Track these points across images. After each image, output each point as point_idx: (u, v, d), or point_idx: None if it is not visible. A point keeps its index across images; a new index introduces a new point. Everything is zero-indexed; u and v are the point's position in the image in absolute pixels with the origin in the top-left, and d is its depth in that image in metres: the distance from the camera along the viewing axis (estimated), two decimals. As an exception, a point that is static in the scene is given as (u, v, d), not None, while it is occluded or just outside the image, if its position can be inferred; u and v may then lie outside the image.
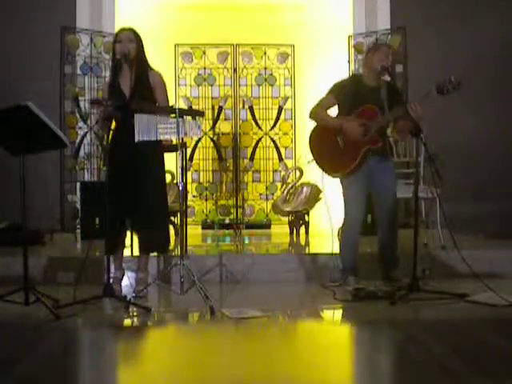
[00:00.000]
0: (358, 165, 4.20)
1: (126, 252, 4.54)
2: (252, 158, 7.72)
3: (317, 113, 4.31)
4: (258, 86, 7.70)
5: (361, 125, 4.17)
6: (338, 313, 3.95)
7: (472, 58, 6.65)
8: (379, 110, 4.16)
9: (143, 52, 4.22)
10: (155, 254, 4.47)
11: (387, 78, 4.27)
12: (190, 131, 4.01)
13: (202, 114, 4.77)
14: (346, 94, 4.25)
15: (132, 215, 4.13)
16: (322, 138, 4.30)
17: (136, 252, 4.53)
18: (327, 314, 3.94)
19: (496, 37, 6.71)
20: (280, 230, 7.29)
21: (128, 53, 4.11)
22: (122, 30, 4.23)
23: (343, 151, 4.22)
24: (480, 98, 6.57)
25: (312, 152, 4.35)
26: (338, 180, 4.42)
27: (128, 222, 4.20)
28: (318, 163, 4.33)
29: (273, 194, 7.68)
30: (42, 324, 3.35)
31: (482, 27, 6.71)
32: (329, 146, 4.26)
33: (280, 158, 7.73)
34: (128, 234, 4.39)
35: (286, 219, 7.13)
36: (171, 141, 4.75)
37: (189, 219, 6.38)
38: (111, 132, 4.04)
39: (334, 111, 4.41)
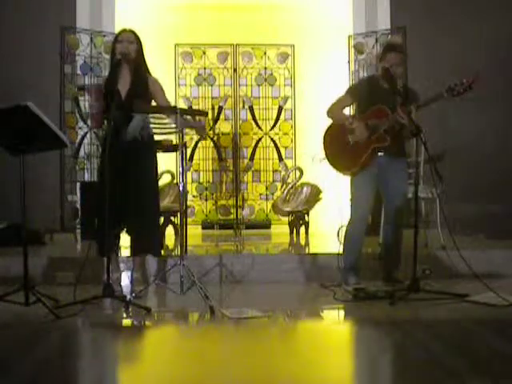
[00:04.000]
0: (365, 162, 4.21)
1: (126, 252, 4.54)
2: (252, 158, 7.72)
3: (333, 111, 4.37)
4: (258, 86, 7.70)
5: (369, 125, 4.19)
6: (338, 313, 3.95)
7: (474, 58, 6.65)
8: (390, 111, 4.17)
9: (143, 55, 4.25)
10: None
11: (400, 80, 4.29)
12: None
13: (205, 114, 4.78)
14: (362, 94, 4.31)
15: (124, 216, 4.15)
16: (334, 137, 4.35)
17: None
18: (327, 313, 3.94)
19: (499, 36, 6.70)
20: (280, 230, 7.29)
21: (128, 53, 4.13)
22: (123, 31, 4.27)
23: (352, 149, 4.24)
24: (483, 99, 6.56)
25: (325, 150, 4.38)
26: (337, 180, 4.43)
27: (122, 223, 4.22)
28: (329, 160, 4.36)
29: (273, 194, 7.68)
30: (42, 324, 3.35)
31: (484, 26, 6.70)
32: (340, 144, 4.30)
33: (280, 158, 7.72)
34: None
35: (286, 219, 7.13)
36: (171, 141, 4.78)
37: (189, 219, 6.38)
38: (106, 131, 4.06)
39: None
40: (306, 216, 6.89)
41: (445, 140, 6.21)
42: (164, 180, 6.39)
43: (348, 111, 4.60)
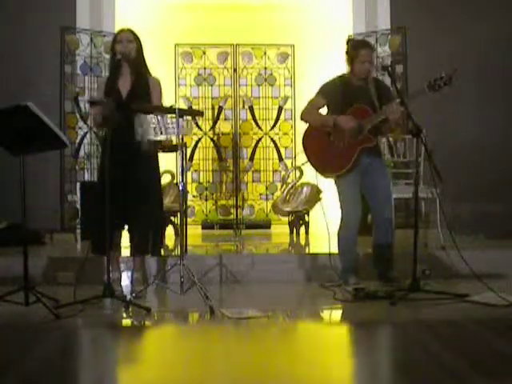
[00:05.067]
0: (355, 164, 4.21)
1: (126, 252, 4.54)
2: (252, 158, 7.72)
3: (308, 113, 4.33)
4: (258, 86, 7.70)
5: (354, 123, 4.18)
6: (338, 313, 3.95)
7: (474, 58, 6.64)
8: (370, 109, 4.17)
9: (142, 54, 4.25)
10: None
11: (378, 75, 4.29)
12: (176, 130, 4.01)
13: (201, 113, 4.79)
14: (335, 94, 4.26)
15: (125, 216, 4.15)
16: (315, 139, 4.31)
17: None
18: (327, 314, 3.94)
19: (499, 36, 6.70)
20: (280, 230, 7.29)
21: (128, 53, 4.13)
22: (122, 30, 4.27)
23: (338, 151, 4.21)
24: (483, 99, 6.56)
25: (306, 153, 4.34)
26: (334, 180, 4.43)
27: (123, 222, 4.23)
28: (312, 164, 4.32)
29: (273, 194, 7.68)
30: (42, 324, 3.35)
31: (484, 26, 6.69)
32: (323, 147, 4.26)
33: (280, 158, 7.72)
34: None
35: (286, 219, 7.13)
36: (171, 141, 4.77)
37: (189, 219, 6.38)
38: (107, 132, 4.06)
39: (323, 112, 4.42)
40: (306, 216, 6.89)
41: (445, 140, 6.21)
42: (164, 180, 6.39)
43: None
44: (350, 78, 4.31)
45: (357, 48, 4.26)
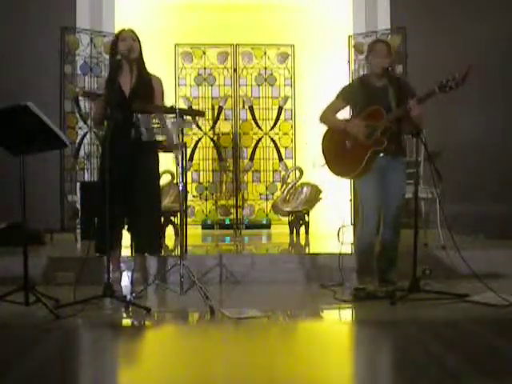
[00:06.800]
0: (366, 167, 4.18)
1: (126, 252, 4.54)
2: (252, 158, 7.72)
3: (325, 116, 4.34)
4: (258, 86, 7.70)
5: (366, 126, 4.16)
6: (338, 313, 3.95)
7: (474, 58, 6.64)
8: (385, 111, 4.14)
9: (142, 54, 4.26)
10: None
11: (396, 74, 4.27)
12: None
13: (202, 114, 4.79)
14: (355, 96, 4.26)
15: (125, 215, 4.16)
16: (332, 142, 4.31)
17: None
18: (327, 314, 3.94)
19: (499, 36, 6.71)
20: (280, 230, 7.30)
21: (132, 51, 4.13)
22: (123, 30, 4.27)
23: (351, 154, 4.20)
24: (483, 99, 6.57)
25: (324, 156, 4.35)
26: (338, 181, 4.42)
27: (125, 221, 4.23)
28: (328, 166, 4.33)
29: (273, 194, 7.68)
30: (42, 324, 3.35)
31: (484, 26, 6.70)
32: (338, 149, 4.25)
33: (280, 158, 7.73)
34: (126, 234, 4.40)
35: (286, 219, 7.13)
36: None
37: (189, 219, 6.38)
38: (108, 130, 4.07)
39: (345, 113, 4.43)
40: (306, 216, 6.89)
41: (445, 140, 6.21)
42: (164, 180, 6.39)
43: (343, 115, 4.53)
44: (370, 77, 4.29)
45: (372, 43, 4.34)
